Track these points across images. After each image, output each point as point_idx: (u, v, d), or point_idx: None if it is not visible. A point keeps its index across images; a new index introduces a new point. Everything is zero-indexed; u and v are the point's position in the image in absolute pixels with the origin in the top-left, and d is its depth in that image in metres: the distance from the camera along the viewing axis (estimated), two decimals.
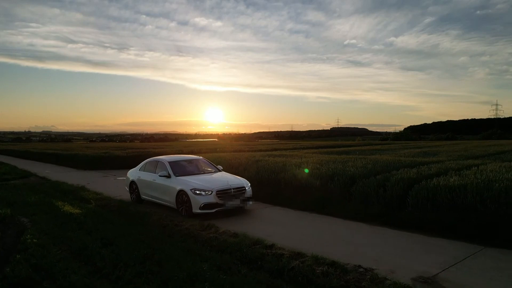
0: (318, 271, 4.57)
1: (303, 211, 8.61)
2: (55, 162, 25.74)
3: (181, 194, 8.23)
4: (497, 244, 5.84)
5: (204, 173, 9.34)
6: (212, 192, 7.94)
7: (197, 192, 7.94)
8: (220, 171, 9.67)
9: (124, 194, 10.96)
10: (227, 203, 8.07)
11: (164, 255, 5.28)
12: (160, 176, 8.93)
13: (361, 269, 4.72)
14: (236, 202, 8.23)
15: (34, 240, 5.98)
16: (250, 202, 8.61)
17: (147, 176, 9.61)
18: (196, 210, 7.88)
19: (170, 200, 8.65)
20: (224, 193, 8.10)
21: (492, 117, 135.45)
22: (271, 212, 8.78)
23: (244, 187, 8.55)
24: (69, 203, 9.17)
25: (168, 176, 8.80)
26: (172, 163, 9.21)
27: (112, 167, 21.05)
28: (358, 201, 8.01)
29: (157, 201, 9.25)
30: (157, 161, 9.65)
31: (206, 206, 7.86)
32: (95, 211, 8.45)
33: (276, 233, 6.77)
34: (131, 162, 20.91)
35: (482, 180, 7.01)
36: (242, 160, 12.94)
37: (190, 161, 9.91)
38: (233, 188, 8.26)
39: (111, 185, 13.86)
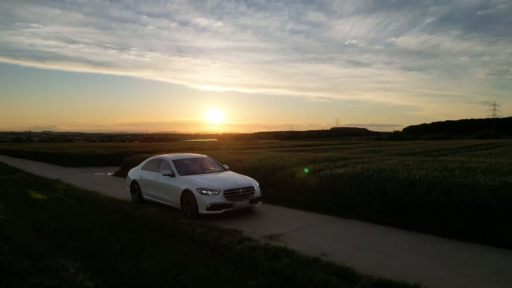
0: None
1: None
2: (45, 160, 27.51)
3: (186, 194, 7.90)
4: (349, 216, 7.78)
5: (209, 172, 9.08)
6: (219, 192, 7.62)
7: (204, 192, 7.63)
8: (226, 170, 9.38)
9: (94, 186, 12.67)
10: (235, 204, 7.73)
11: (94, 227, 7.01)
12: (163, 175, 8.64)
13: (233, 230, 6.45)
14: (244, 203, 7.89)
15: (1, 217, 7.74)
16: (259, 203, 8.31)
17: (150, 175, 9.32)
18: (202, 211, 7.57)
19: (174, 200, 8.33)
20: (232, 193, 7.76)
21: (490, 117, 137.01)
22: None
23: (253, 187, 8.22)
24: (40, 192, 10.90)
25: (172, 175, 8.51)
26: (176, 162, 8.92)
27: (95, 164, 22.82)
28: (273, 188, 9.78)
29: (160, 201, 8.92)
30: (160, 160, 9.36)
31: (213, 206, 7.54)
32: (59, 198, 10.19)
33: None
34: (112, 160, 22.78)
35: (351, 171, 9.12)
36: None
37: (194, 159, 9.63)
38: (242, 188, 7.94)
39: (86, 179, 15.60)
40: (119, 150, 26.59)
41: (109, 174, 17.95)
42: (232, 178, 8.40)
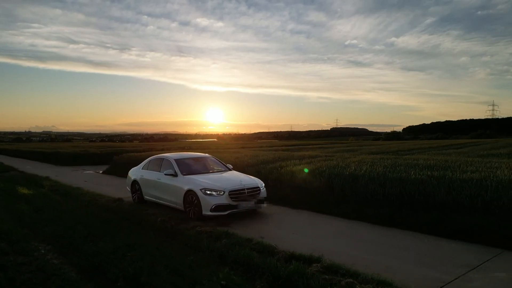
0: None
1: None
2: (40, 160, 28.38)
3: (190, 194, 7.69)
4: (302, 207, 8.55)
5: (213, 171, 8.87)
6: (224, 192, 7.40)
7: (208, 192, 7.41)
8: (230, 170, 9.18)
9: (80, 183, 13.52)
10: (241, 205, 7.51)
11: (70, 217, 7.86)
12: (165, 175, 8.41)
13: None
14: (250, 204, 7.65)
15: None
16: (265, 204, 8.09)
17: (151, 175, 9.12)
18: (206, 212, 7.36)
19: (176, 201, 8.12)
20: (237, 193, 7.54)
21: (490, 117, 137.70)
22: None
23: (258, 187, 8.01)
24: (27, 188, 11.77)
25: (175, 175, 8.28)
26: (179, 161, 8.70)
27: (88, 163, 23.67)
28: None
29: (161, 202, 8.73)
30: (162, 159, 9.15)
31: (218, 208, 7.32)
32: (44, 193, 11.06)
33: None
34: (104, 158, 23.60)
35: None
36: None
37: (197, 159, 9.44)
38: (247, 189, 7.72)
39: (75, 176, 16.46)
40: (111, 149, 27.42)
41: (98, 172, 18.78)
42: (237, 178, 8.16)
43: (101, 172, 18.61)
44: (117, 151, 24.84)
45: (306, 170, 9.86)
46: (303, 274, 4.32)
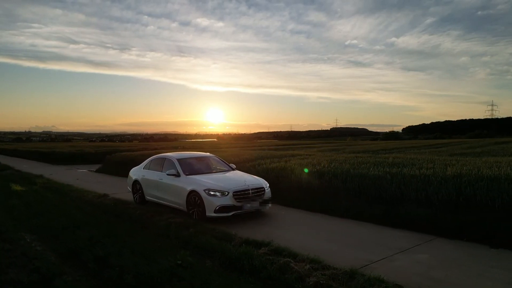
0: None
1: None
2: (37, 159, 29.01)
3: (193, 195, 7.56)
4: (276, 202, 8.73)
5: (216, 171, 8.74)
6: (228, 193, 7.25)
7: (212, 193, 7.27)
8: (233, 169, 9.03)
9: (72, 181, 14.17)
10: (245, 206, 7.38)
11: (56, 210, 8.51)
12: (168, 175, 8.27)
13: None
14: (254, 205, 7.53)
15: None
16: (269, 205, 7.97)
17: (153, 175, 8.99)
18: (210, 213, 7.22)
19: (179, 201, 7.99)
20: (242, 194, 7.38)
21: (489, 117, 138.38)
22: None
23: (263, 187, 7.84)
24: (20, 185, 12.43)
25: (177, 175, 8.15)
26: (181, 161, 8.56)
27: (82, 162, 24.32)
28: None
29: (163, 202, 8.60)
30: (164, 159, 9.01)
31: (222, 209, 7.18)
32: (36, 190, 11.71)
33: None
34: (99, 158, 24.21)
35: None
36: None
37: (200, 158, 9.32)
38: (252, 189, 7.56)
39: (68, 175, 17.12)
40: (106, 149, 28.07)
41: (91, 170, 19.43)
42: (241, 178, 8.05)
43: (94, 170, 19.24)
44: (111, 150, 25.51)
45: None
46: (250, 255, 4.97)
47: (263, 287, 4.25)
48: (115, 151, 23.28)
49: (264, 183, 8.11)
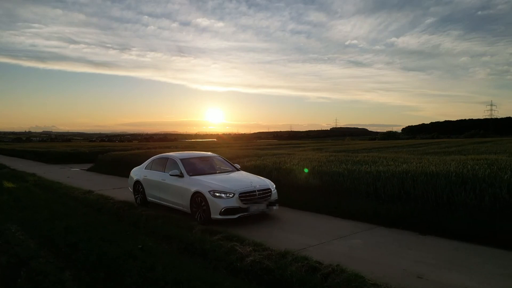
0: None
1: None
2: (33, 158, 29.71)
3: (197, 196, 7.32)
4: None
5: (221, 172, 8.49)
6: (234, 194, 7.02)
7: (217, 194, 7.04)
8: (238, 170, 8.79)
9: (63, 179, 14.85)
10: (252, 208, 7.15)
11: (41, 204, 9.20)
12: (171, 175, 8.04)
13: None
14: (261, 207, 7.30)
15: None
16: (276, 206, 7.66)
17: (155, 176, 8.73)
18: (215, 215, 6.99)
19: (183, 203, 7.75)
20: (248, 195, 7.14)
21: (488, 117, 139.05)
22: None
23: (269, 188, 7.59)
24: (12, 183, 13.13)
25: (181, 176, 7.91)
26: (184, 161, 8.31)
27: (77, 161, 25.04)
28: None
29: (166, 204, 8.34)
30: (167, 158, 8.74)
31: (228, 211, 6.95)
32: (26, 187, 12.41)
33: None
34: (93, 157, 24.89)
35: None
36: None
37: (204, 158, 9.07)
38: (258, 190, 7.31)
39: (60, 173, 17.81)
40: (101, 148, 28.77)
41: (83, 169, 20.11)
42: (247, 179, 7.82)
43: (86, 169, 19.92)
44: (103, 150, 26.19)
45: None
46: (204, 241, 5.67)
47: (208, 266, 4.93)
48: (108, 151, 23.97)
49: (271, 184, 7.85)
